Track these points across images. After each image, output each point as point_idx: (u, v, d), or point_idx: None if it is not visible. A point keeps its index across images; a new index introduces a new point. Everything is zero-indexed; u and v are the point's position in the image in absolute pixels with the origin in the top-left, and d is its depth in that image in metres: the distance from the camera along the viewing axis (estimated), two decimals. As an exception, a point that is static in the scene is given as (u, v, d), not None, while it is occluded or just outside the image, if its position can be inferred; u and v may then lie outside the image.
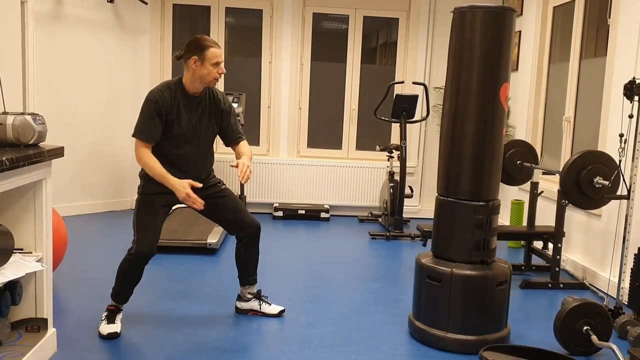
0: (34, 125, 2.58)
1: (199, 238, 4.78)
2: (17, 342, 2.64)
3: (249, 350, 2.99)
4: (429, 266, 3.13)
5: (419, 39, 6.42)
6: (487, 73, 2.99)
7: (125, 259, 3.12)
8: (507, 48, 3.02)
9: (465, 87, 3.03)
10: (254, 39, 6.48)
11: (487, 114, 3.02)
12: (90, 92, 5.96)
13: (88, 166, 6.04)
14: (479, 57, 2.98)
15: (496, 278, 3.06)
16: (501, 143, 3.12)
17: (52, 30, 5.60)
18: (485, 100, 3.01)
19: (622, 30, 4.12)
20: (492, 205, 3.10)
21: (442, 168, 3.18)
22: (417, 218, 6.53)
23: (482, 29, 2.98)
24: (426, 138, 6.57)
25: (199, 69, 3.01)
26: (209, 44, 3.02)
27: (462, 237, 3.08)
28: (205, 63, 3.00)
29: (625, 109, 3.64)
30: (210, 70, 3.02)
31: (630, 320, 3.30)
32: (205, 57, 2.99)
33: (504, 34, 2.99)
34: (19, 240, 2.69)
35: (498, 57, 2.99)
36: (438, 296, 3.08)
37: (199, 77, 3.03)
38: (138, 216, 3.09)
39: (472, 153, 3.05)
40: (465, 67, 3.02)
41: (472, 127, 3.03)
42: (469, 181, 3.07)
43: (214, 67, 3.02)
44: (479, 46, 2.98)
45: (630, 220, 3.44)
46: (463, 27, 3.02)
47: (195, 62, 3.00)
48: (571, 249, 4.71)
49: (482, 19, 2.97)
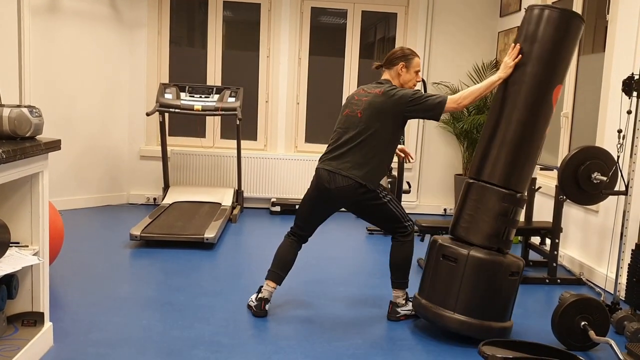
0: (30, 118, 2.56)
1: (196, 233, 4.77)
2: (13, 336, 2.63)
3: (246, 344, 2.98)
4: (446, 245, 3.17)
5: (417, 34, 6.41)
6: (549, 69, 3.06)
7: (409, 241, 3.36)
8: (570, 52, 3.10)
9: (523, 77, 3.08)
10: (251, 33, 6.46)
11: (537, 109, 3.08)
12: (87, 86, 5.93)
13: (85, 160, 6.02)
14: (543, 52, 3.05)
15: (510, 267, 3.09)
16: (542, 139, 3.17)
17: (48, 23, 5.57)
18: (539, 93, 3.07)
19: (621, 26, 4.11)
20: (520, 198, 3.15)
21: (480, 151, 3.22)
22: (414, 213, 6.54)
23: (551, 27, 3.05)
24: (424, 134, 6.57)
25: (404, 74, 3.35)
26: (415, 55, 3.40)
27: (485, 222, 3.12)
28: (410, 70, 3.36)
29: (623, 105, 3.64)
30: (412, 77, 3.38)
31: (628, 315, 3.30)
32: (411, 65, 3.37)
33: (569, 36, 3.06)
34: (15, 233, 2.68)
35: (560, 58, 3.06)
36: (450, 276, 3.11)
37: (403, 82, 3.37)
38: (398, 208, 3.32)
39: (514, 140, 3.10)
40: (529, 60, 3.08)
41: (520, 116, 3.09)
42: (504, 168, 3.11)
43: (415, 75, 3.39)
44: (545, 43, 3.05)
45: (628, 216, 3.44)
46: (532, 22, 3.10)
47: (402, 68, 3.34)
48: (568, 245, 4.71)
49: (552, 17, 3.05)
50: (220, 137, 6.55)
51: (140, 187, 6.42)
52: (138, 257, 4.43)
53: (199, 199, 5.90)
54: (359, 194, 3.20)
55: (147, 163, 6.38)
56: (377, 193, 3.23)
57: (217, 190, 6.13)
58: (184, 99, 5.74)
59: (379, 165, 3.23)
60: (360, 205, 3.27)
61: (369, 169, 3.19)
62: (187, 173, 6.36)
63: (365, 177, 3.18)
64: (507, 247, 3.18)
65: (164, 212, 5.41)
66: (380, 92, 3.24)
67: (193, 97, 5.77)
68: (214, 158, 6.37)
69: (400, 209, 3.34)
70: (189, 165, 6.35)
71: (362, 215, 3.36)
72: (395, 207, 3.30)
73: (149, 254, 4.50)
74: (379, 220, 3.33)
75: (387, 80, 3.35)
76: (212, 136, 6.53)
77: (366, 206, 3.27)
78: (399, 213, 3.31)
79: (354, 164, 3.19)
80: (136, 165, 6.39)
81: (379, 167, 3.24)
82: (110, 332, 3.05)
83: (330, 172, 3.23)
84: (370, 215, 3.33)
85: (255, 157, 6.38)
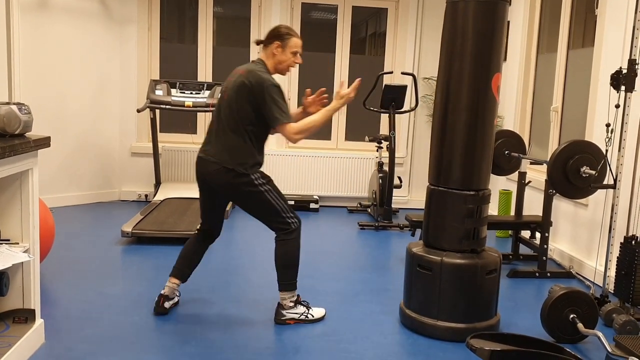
0: (19, 115, 2.55)
1: (188, 229, 4.77)
2: (4, 333, 2.63)
3: (238, 340, 2.99)
4: (420, 255, 3.15)
5: (408, 29, 6.42)
6: (479, 63, 3.00)
7: (293, 239, 3.16)
8: (500, 38, 3.03)
9: (457, 76, 3.04)
10: (242, 29, 6.45)
11: (478, 104, 3.04)
12: (77, 82, 5.91)
13: (75, 157, 6.00)
14: (471, 47, 2.99)
15: (486, 267, 3.09)
16: (492, 133, 3.13)
17: (38, 19, 5.53)
18: (477, 90, 3.02)
19: (609, 20, 4.14)
20: (483, 195, 3.12)
21: (434, 157, 3.19)
22: (405, 208, 6.55)
23: (474, 19, 2.98)
24: (415, 128, 6.58)
25: (279, 55, 3.15)
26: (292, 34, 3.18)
27: (453, 226, 3.09)
28: (286, 50, 3.15)
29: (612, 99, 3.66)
30: (288, 58, 3.16)
31: (616, 308, 3.34)
32: (287, 45, 3.15)
33: (496, 24, 3.00)
34: (6, 231, 2.68)
35: (490, 48, 3.00)
36: (428, 285, 3.10)
37: (277, 62, 3.17)
38: (277, 200, 3.12)
39: (463, 142, 3.06)
40: (458, 56, 3.03)
41: (464, 116, 3.05)
42: (460, 170, 3.09)
43: (292, 56, 3.17)
44: (471, 36, 2.99)
45: (617, 210, 3.47)
46: (456, 17, 3.03)
47: (277, 48, 3.14)
48: (558, 238, 4.74)
49: (475, 9, 2.98)
50: (211, 133, 6.53)
51: (131, 183, 6.40)
52: (129, 253, 4.42)
53: (190, 196, 5.89)
54: (229, 179, 3.03)
55: (138, 160, 6.36)
56: (251, 179, 3.04)
57: (209, 186, 6.11)
58: (175, 95, 5.73)
59: (247, 149, 3.05)
60: (235, 192, 3.09)
61: (236, 153, 3.03)
62: (178, 169, 6.35)
63: (232, 161, 3.02)
64: (480, 245, 3.16)
65: (155, 209, 5.40)
66: (243, 71, 3.09)
67: (184, 94, 5.76)
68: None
69: (281, 201, 3.12)
70: (181, 162, 6.34)
71: (240, 206, 3.18)
72: (275, 198, 3.10)
73: (141, 251, 4.50)
74: (256, 211, 3.13)
75: (261, 60, 3.18)
76: (203, 132, 6.52)
77: (241, 193, 3.08)
78: (278, 205, 3.10)
79: (222, 148, 3.05)
80: (127, 161, 6.37)
81: (247, 150, 3.05)
82: (102, 328, 3.05)
83: (202, 158, 3.11)
84: (246, 205, 3.14)
85: (247, 153, 6.37)
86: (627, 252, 3.35)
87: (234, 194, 3.14)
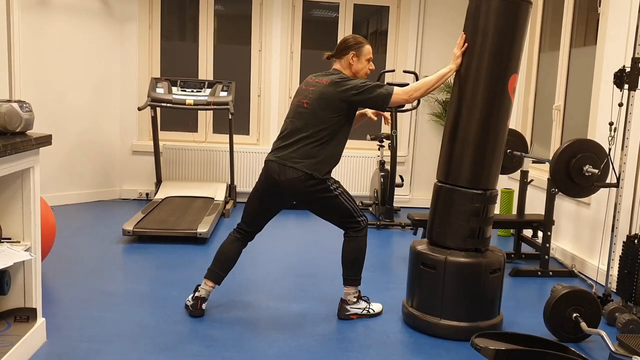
0: (20, 113, 2.54)
1: (189, 227, 4.76)
2: (5, 332, 2.62)
3: (241, 339, 2.98)
4: (424, 253, 3.14)
5: (410, 27, 6.40)
6: (498, 63, 3.00)
7: (362, 236, 3.24)
8: (520, 40, 3.03)
9: (475, 74, 3.03)
10: (243, 27, 6.43)
11: (494, 104, 3.03)
12: (77, 80, 5.89)
13: (76, 155, 5.99)
14: (490, 47, 2.99)
15: (490, 266, 3.08)
16: (505, 134, 3.12)
17: (38, 17, 5.52)
18: (493, 89, 3.02)
19: (612, 18, 4.12)
20: (490, 195, 3.12)
21: (444, 154, 3.18)
22: (407, 207, 6.54)
23: (496, 18, 2.98)
24: (417, 127, 6.57)
25: (355, 64, 3.23)
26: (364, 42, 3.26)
27: (458, 225, 3.09)
28: (361, 58, 3.24)
29: (615, 98, 3.65)
30: (364, 65, 3.25)
31: (619, 307, 3.33)
32: (362, 53, 3.24)
33: (517, 25, 2.99)
34: (7, 229, 2.67)
35: (509, 48, 3.00)
36: (432, 283, 3.09)
37: (355, 72, 3.25)
38: (350, 202, 3.21)
39: (475, 141, 3.05)
40: (477, 55, 3.02)
41: (478, 115, 3.04)
42: (470, 169, 3.08)
43: (367, 63, 3.26)
44: (491, 36, 2.98)
45: (619, 209, 3.46)
46: (478, 15, 3.02)
47: (353, 58, 3.22)
48: (560, 237, 4.73)
49: (497, 8, 2.97)
50: (212, 132, 6.53)
51: (132, 182, 6.39)
52: (131, 252, 4.42)
53: (191, 194, 5.89)
54: (308, 186, 3.08)
55: (139, 158, 6.35)
56: (327, 185, 3.12)
57: (210, 185, 6.12)
58: (176, 93, 5.72)
59: (328, 156, 3.12)
60: (310, 198, 3.15)
61: (318, 160, 3.08)
62: (179, 168, 6.34)
63: (314, 168, 3.07)
64: (484, 245, 3.15)
65: (156, 207, 5.39)
66: (327, 81, 3.14)
67: (185, 92, 5.75)
68: (206, 153, 6.35)
69: (352, 203, 3.22)
70: (182, 160, 6.33)
71: (313, 210, 3.25)
72: (347, 201, 3.19)
73: (142, 249, 4.49)
74: (331, 214, 3.22)
75: (337, 70, 3.25)
76: (204, 131, 6.51)
77: (316, 199, 3.15)
78: (351, 207, 3.20)
79: (303, 155, 3.08)
80: (128, 160, 6.36)
81: (329, 158, 3.13)
82: (103, 327, 3.05)
83: (279, 163, 3.12)
84: (321, 210, 3.22)
85: (248, 151, 6.37)
86: (630, 251, 3.34)
87: (310, 200, 3.18)
